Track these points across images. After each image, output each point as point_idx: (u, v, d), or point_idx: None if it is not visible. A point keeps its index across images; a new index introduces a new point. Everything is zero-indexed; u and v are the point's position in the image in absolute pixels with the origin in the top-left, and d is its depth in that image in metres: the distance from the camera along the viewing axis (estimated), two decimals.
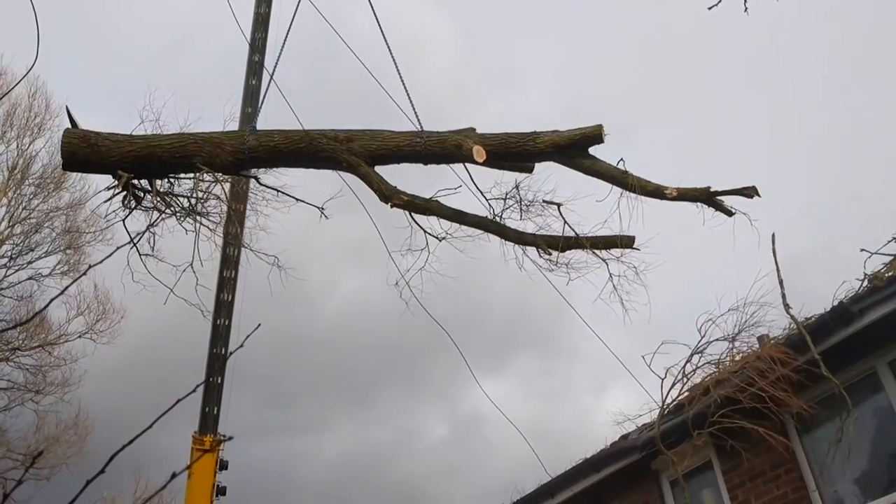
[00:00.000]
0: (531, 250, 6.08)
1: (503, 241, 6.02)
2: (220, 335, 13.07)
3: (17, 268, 18.65)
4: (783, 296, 8.08)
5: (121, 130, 5.24)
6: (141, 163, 5.01)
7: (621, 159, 5.55)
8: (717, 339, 8.37)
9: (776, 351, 7.79)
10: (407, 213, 5.62)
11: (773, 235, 8.31)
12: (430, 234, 5.99)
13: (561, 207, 6.01)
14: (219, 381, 13.01)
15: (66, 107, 4.86)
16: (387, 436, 45.67)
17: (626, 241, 6.08)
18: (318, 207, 4.66)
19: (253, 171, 5.58)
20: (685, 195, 5.63)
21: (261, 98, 11.21)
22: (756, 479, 8.43)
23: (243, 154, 5.11)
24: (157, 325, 20.33)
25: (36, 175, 20.40)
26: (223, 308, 13.07)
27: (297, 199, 5.61)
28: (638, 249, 6.15)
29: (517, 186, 6.06)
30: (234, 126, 11.93)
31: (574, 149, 5.40)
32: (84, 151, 4.99)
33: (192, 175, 5.30)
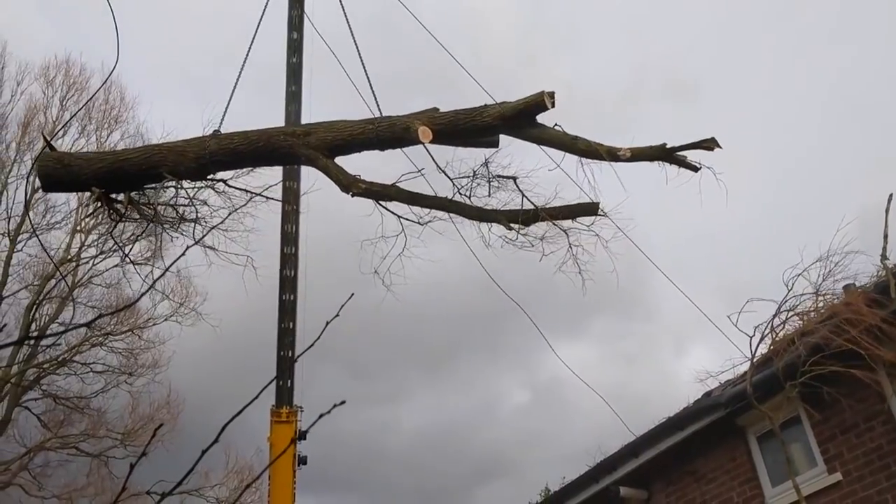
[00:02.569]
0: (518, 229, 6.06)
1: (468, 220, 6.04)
2: (286, 310, 13.29)
3: (104, 256, 19.16)
4: (884, 248, 7.70)
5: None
6: (112, 177, 5.29)
7: (556, 124, 5.45)
8: (802, 294, 8.01)
9: (865, 299, 7.40)
10: (374, 200, 5.74)
11: (891, 196, 8.17)
12: (405, 218, 6.07)
13: (517, 181, 5.95)
14: (290, 354, 13.17)
15: (43, 134, 5.06)
16: (467, 404, 46.14)
17: (590, 209, 5.95)
18: (288, 203, 4.62)
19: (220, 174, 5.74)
20: (640, 155, 5.50)
21: (233, 89, 11.11)
22: (848, 432, 8.13)
23: (205, 159, 5.28)
24: (236, 304, 20.76)
25: None
26: (287, 284, 13.22)
27: (268, 198, 5.85)
28: (604, 215, 6.00)
29: (486, 163, 6.00)
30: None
31: (520, 119, 5.33)
32: (59, 172, 5.31)
33: (172, 185, 5.55)
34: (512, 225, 5.79)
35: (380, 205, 5.76)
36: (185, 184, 5.50)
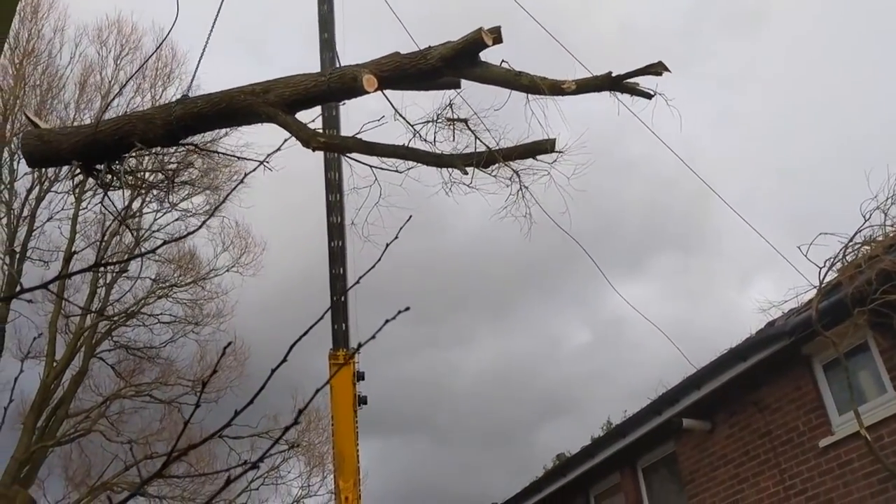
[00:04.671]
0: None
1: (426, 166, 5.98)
2: (336, 256, 13.48)
3: (164, 210, 19.63)
4: None
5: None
6: (89, 150, 5.43)
7: (503, 60, 5.32)
8: (877, 226, 7.64)
9: None
10: (337, 153, 5.68)
11: None
12: (376, 167, 6.08)
13: (469, 122, 5.88)
14: (343, 299, 13.33)
15: (25, 112, 5.13)
16: (530, 345, 46.46)
17: (546, 146, 5.81)
18: (261, 162, 4.55)
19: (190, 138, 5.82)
20: (586, 86, 5.37)
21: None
22: None
23: (173, 125, 5.37)
24: (295, 253, 21.05)
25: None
26: (335, 230, 13.33)
27: (238, 157, 5.72)
28: (561, 153, 5.84)
29: (450, 105, 5.92)
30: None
31: (462, 59, 5.23)
32: (41, 149, 5.51)
33: (145, 153, 5.78)
34: (467, 168, 5.75)
35: (347, 156, 5.89)
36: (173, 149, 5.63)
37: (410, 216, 2.69)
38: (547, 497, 13.49)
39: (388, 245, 2.24)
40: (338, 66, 12.23)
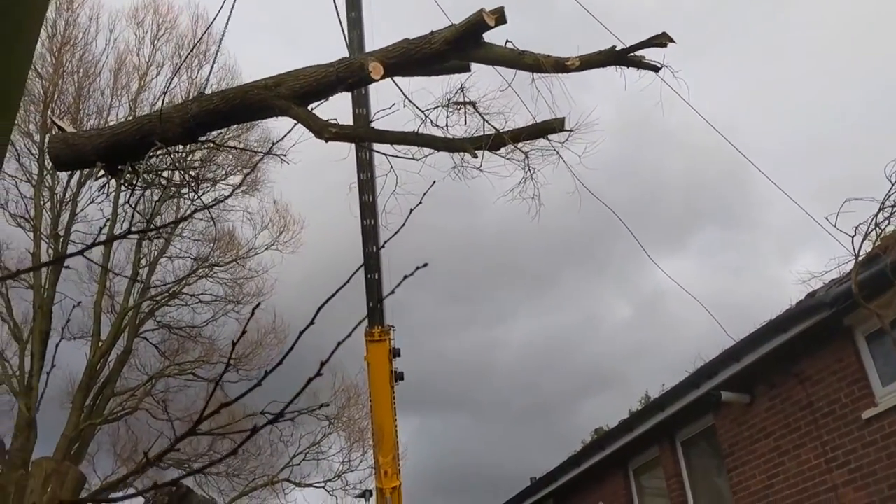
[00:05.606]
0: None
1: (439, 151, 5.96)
2: (369, 234, 13.53)
3: (203, 191, 19.93)
4: None
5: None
6: (111, 151, 5.55)
7: (508, 41, 5.30)
8: None
9: None
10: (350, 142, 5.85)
11: None
12: (392, 156, 6.00)
13: (477, 105, 5.83)
14: (376, 276, 13.43)
15: (51, 117, 5.25)
16: (571, 321, 46.38)
17: (555, 126, 5.76)
18: (279, 155, 4.63)
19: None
20: (590, 62, 5.31)
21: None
22: None
23: (190, 123, 5.44)
24: (335, 230, 21.19)
25: None
26: (367, 209, 13.41)
27: (252, 151, 5.75)
28: (571, 131, 5.77)
29: (462, 89, 5.86)
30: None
31: (465, 41, 5.22)
32: (66, 153, 5.65)
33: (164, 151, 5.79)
34: (477, 152, 5.72)
35: (360, 145, 5.86)
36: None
37: (434, 182, 2.70)
38: (585, 471, 13.49)
39: (411, 210, 2.24)
40: (365, 45, 12.31)
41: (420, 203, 2.33)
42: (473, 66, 5.70)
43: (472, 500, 49.18)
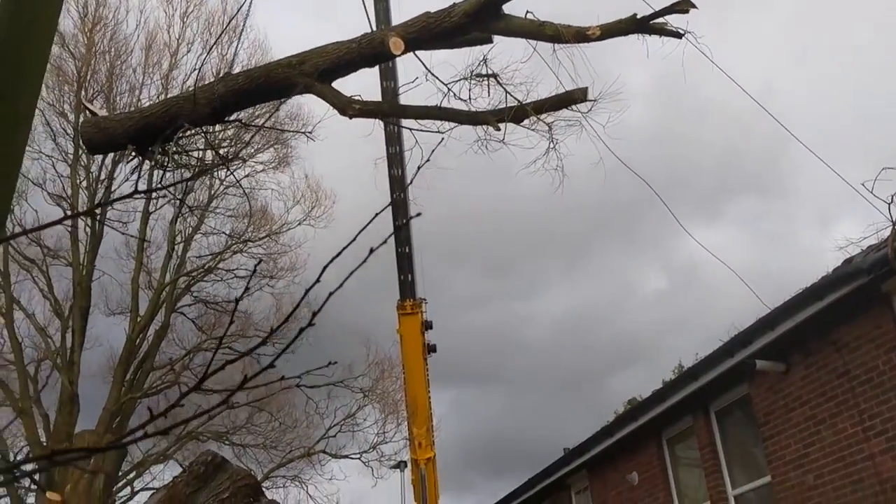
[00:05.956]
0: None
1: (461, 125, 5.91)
2: (398, 208, 13.67)
3: (235, 167, 20.18)
4: None
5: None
6: (142, 133, 5.64)
7: (528, 11, 5.24)
8: None
9: None
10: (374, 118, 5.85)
11: None
12: (417, 130, 6.03)
13: (499, 76, 5.81)
14: (407, 250, 13.47)
15: (83, 102, 5.30)
16: (604, 293, 46.17)
17: (577, 96, 5.71)
18: (305, 133, 4.61)
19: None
20: (612, 31, 5.23)
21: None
22: None
23: (216, 103, 5.50)
24: (366, 205, 21.24)
25: None
26: (396, 182, 13.43)
27: (282, 131, 5.76)
28: (594, 101, 5.73)
29: (484, 60, 5.85)
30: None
31: (485, 13, 5.17)
32: (98, 136, 5.75)
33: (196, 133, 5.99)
34: (500, 124, 5.69)
35: (383, 120, 5.86)
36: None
37: (443, 138, 2.66)
38: (618, 441, 13.48)
39: (419, 167, 2.25)
40: (391, 18, 12.27)
41: (427, 160, 2.32)
42: (496, 37, 5.66)
43: (505, 470, 49.54)
